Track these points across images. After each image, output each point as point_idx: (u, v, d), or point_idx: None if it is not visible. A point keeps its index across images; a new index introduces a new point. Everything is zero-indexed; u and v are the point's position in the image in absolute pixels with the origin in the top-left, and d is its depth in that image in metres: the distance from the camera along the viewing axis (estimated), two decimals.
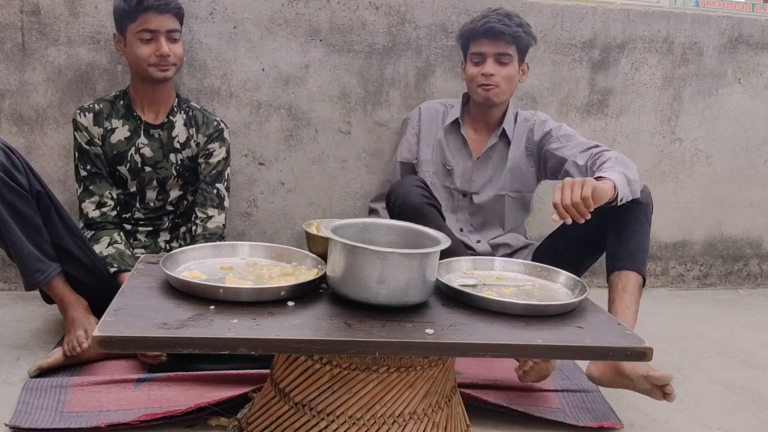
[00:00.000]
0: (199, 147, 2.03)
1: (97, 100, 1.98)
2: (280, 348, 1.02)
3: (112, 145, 1.95)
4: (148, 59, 1.85)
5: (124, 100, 1.98)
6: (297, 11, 2.30)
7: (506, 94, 1.99)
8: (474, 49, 1.97)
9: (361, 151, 2.45)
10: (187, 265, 1.26)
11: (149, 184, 2.01)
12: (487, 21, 1.92)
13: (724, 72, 2.72)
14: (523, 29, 1.95)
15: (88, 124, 1.92)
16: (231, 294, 1.09)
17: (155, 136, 1.99)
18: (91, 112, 1.93)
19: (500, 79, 1.95)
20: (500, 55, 1.94)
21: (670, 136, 2.73)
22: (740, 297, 2.84)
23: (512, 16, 1.96)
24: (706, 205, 2.84)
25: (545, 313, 1.13)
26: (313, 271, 1.25)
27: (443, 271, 1.29)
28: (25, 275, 1.68)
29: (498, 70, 1.94)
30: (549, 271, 1.35)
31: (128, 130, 1.96)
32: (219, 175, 2.03)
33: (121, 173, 1.98)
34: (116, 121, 1.96)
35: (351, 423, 1.11)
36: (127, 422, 1.42)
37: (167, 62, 1.87)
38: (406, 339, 1.00)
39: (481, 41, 1.95)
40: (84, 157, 1.93)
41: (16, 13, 2.12)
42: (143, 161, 1.98)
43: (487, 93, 1.96)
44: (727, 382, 1.93)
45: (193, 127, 2.03)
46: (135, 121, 1.97)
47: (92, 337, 0.92)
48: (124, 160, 1.96)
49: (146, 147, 1.97)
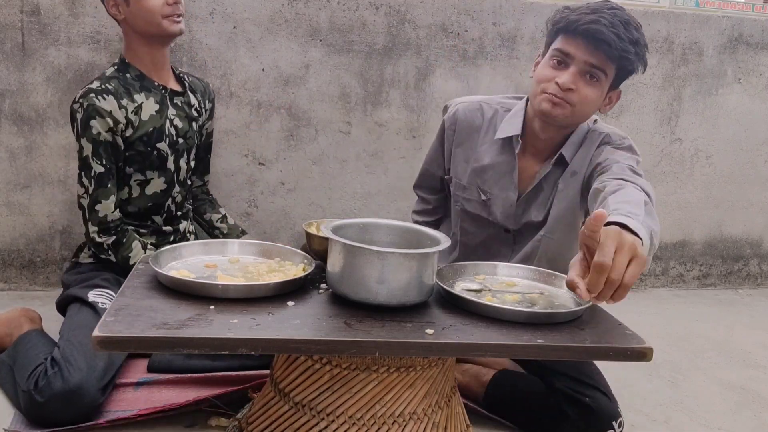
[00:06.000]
0: (207, 115, 1.97)
1: (101, 79, 1.70)
2: (280, 348, 1.01)
3: (145, 122, 1.72)
4: (162, 10, 1.67)
5: (130, 72, 1.75)
6: (297, 11, 2.30)
7: (577, 118, 1.48)
8: (562, 45, 1.43)
9: (361, 151, 2.45)
10: (172, 264, 1.22)
11: (182, 157, 1.85)
12: (596, 20, 1.38)
13: (724, 72, 2.71)
14: (637, 49, 1.41)
15: (112, 108, 1.65)
16: (232, 291, 1.09)
17: (178, 104, 1.83)
18: (110, 94, 1.66)
19: (578, 98, 1.42)
20: (592, 68, 1.41)
21: (670, 136, 2.73)
22: (740, 297, 2.84)
23: (630, 26, 1.40)
24: (706, 205, 2.84)
25: (550, 321, 1.11)
26: (300, 266, 1.24)
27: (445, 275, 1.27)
28: None
29: (580, 86, 1.42)
30: (556, 277, 1.33)
31: (155, 102, 1.75)
32: (212, 143, 2.07)
33: (162, 151, 1.76)
34: (138, 96, 1.72)
35: (351, 423, 1.11)
36: (126, 417, 1.42)
37: (179, 11, 1.71)
38: (406, 339, 0.99)
39: (575, 39, 1.41)
40: (100, 149, 1.65)
41: (16, 13, 2.12)
42: (177, 133, 1.81)
43: (552, 108, 1.44)
44: (727, 382, 1.93)
45: (197, 92, 1.93)
46: (159, 91, 1.77)
47: (93, 337, 0.92)
48: (163, 135, 1.76)
49: (176, 117, 1.81)
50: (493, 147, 1.61)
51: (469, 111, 1.65)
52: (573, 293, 1.00)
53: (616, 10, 1.41)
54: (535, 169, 1.59)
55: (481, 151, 1.63)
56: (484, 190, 1.64)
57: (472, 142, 1.64)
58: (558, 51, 1.43)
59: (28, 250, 2.27)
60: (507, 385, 1.60)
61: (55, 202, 2.25)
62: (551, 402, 1.48)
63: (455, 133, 1.66)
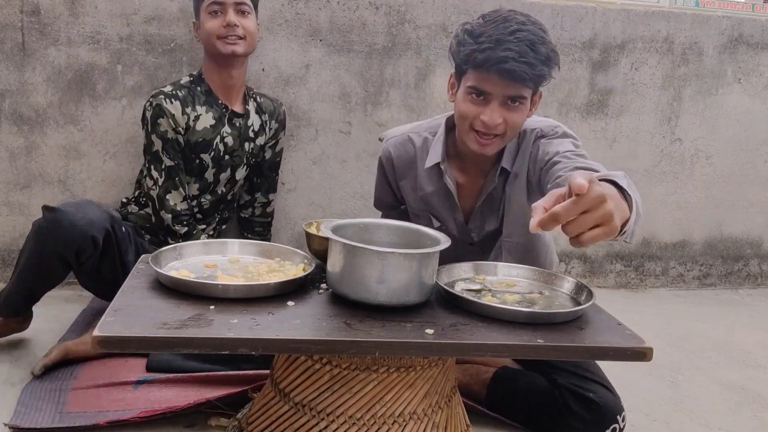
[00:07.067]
0: (271, 134, 2.12)
1: (174, 85, 1.91)
2: (280, 348, 1.01)
3: (198, 132, 1.91)
4: (217, 31, 1.84)
5: (201, 86, 1.94)
6: (297, 11, 2.30)
7: (509, 139, 1.48)
8: (476, 82, 1.39)
9: (361, 151, 2.45)
10: (172, 264, 1.22)
11: (224, 172, 2.01)
12: (504, 58, 1.32)
13: (724, 72, 2.71)
14: (549, 65, 1.37)
15: (176, 111, 1.86)
16: (232, 291, 1.09)
17: (236, 125, 1.99)
18: (177, 99, 1.87)
19: (506, 127, 1.41)
20: (512, 99, 1.39)
21: (670, 136, 2.73)
22: (740, 297, 2.84)
23: (537, 46, 1.34)
24: (706, 205, 2.84)
25: (549, 321, 1.11)
26: (300, 266, 1.25)
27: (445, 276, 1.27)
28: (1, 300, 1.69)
29: (506, 116, 1.40)
30: (556, 277, 1.33)
31: (213, 118, 1.93)
32: (279, 161, 2.23)
33: (204, 161, 1.95)
34: (200, 107, 1.92)
35: (351, 423, 1.11)
36: (126, 419, 1.42)
37: (234, 33, 1.85)
38: (406, 339, 0.99)
39: (489, 77, 1.36)
40: (168, 146, 1.86)
41: (16, 13, 2.12)
42: (225, 150, 1.98)
43: (485, 147, 1.44)
44: (727, 382, 1.93)
45: (266, 113, 2.09)
46: (220, 109, 1.95)
47: (92, 337, 0.92)
48: (209, 148, 1.94)
49: (229, 136, 1.97)
50: (429, 175, 1.61)
51: (400, 145, 1.66)
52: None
53: (519, 32, 1.33)
54: (479, 183, 1.59)
55: (422, 180, 1.63)
56: (434, 215, 1.66)
57: (413, 173, 1.65)
58: (474, 88, 1.40)
59: None
60: (508, 383, 1.60)
61: (55, 202, 2.24)
62: (554, 398, 1.48)
63: (394, 168, 1.68)
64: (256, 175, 2.18)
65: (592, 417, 1.44)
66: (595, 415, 1.44)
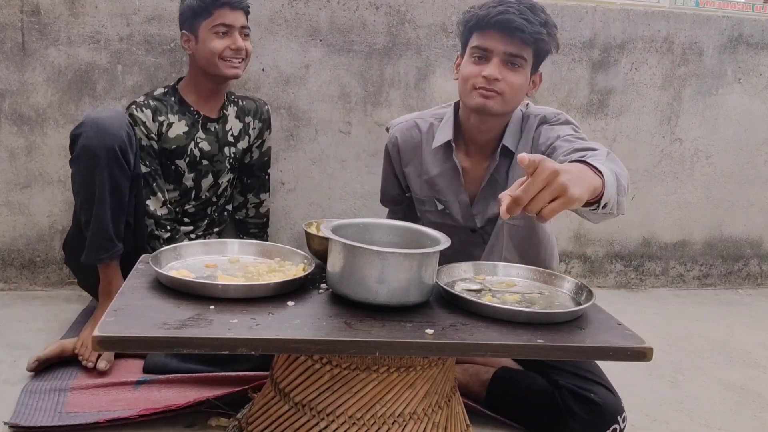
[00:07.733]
0: (255, 134, 2.12)
1: (147, 96, 1.95)
2: (280, 348, 1.01)
3: (171, 139, 1.94)
4: (222, 52, 1.87)
5: (175, 96, 1.97)
6: (297, 11, 2.30)
7: (509, 105, 1.53)
8: (478, 41, 1.50)
9: (361, 151, 2.45)
10: (172, 264, 1.22)
11: (205, 177, 2.03)
12: (505, 10, 1.45)
13: (724, 72, 2.71)
14: (548, 30, 1.49)
15: (146, 119, 1.90)
16: (232, 291, 1.09)
17: (211, 129, 2.01)
18: (149, 108, 1.91)
19: (506, 86, 1.48)
20: (512, 57, 1.48)
21: (670, 136, 2.73)
22: (740, 297, 2.84)
23: (537, 10, 1.48)
24: (706, 205, 2.84)
25: (549, 321, 1.11)
26: (300, 266, 1.24)
27: (445, 276, 1.27)
28: (91, 249, 1.68)
29: (505, 75, 1.48)
30: (556, 277, 1.33)
31: (186, 125, 1.96)
32: (268, 160, 2.20)
33: (179, 167, 1.98)
34: (172, 116, 1.95)
35: (351, 423, 1.11)
36: (126, 417, 1.42)
37: (239, 56, 1.90)
38: (406, 339, 0.99)
39: (489, 34, 1.47)
40: (144, 153, 1.89)
41: (16, 13, 2.12)
42: (201, 155, 2.00)
43: (485, 101, 1.50)
44: (727, 382, 1.93)
45: (248, 115, 2.10)
46: (192, 116, 1.98)
47: (92, 337, 0.92)
48: (184, 154, 1.97)
49: (204, 141, 2.00)
50: (436, 157, 1.67)
51: (406, 130, 1.73)
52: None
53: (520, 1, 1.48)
54: (483, 166, 1.65)
55: (427, 163, 1.69)
56: (439, 200, 1.70)
57: (418, 157, 1.71)
58: (476, 48, 1.51)
59: (28, 250, 2.27)
60: (508, 383, 1.60)
61: (55, 202, 2.25)
62: (554, 399, 1.48)
63: (400, 155, 1.74)
64: (247, 176, 2.19)
65: (592, 417, 1.44)
66: (595, 416, 1.44)
